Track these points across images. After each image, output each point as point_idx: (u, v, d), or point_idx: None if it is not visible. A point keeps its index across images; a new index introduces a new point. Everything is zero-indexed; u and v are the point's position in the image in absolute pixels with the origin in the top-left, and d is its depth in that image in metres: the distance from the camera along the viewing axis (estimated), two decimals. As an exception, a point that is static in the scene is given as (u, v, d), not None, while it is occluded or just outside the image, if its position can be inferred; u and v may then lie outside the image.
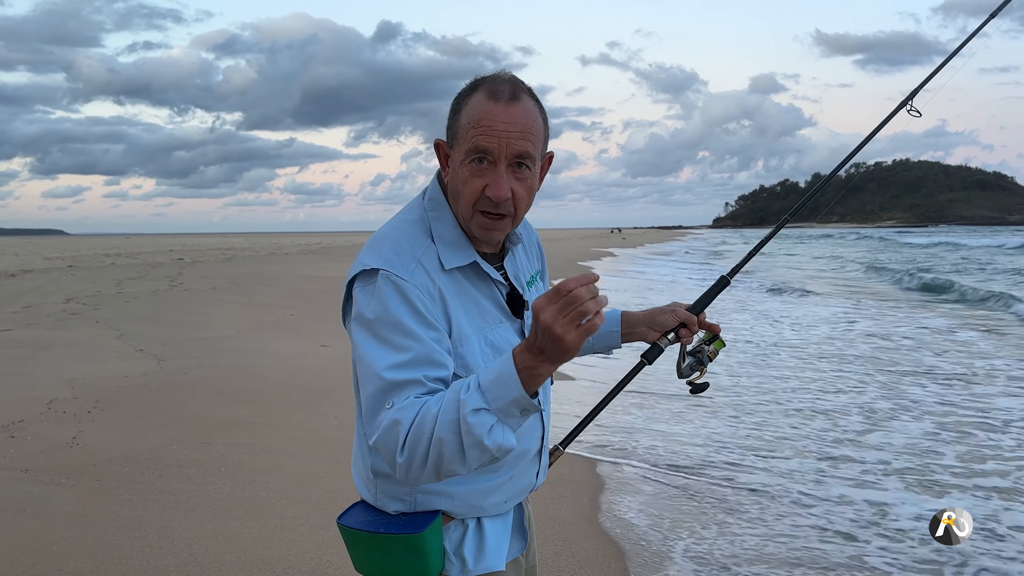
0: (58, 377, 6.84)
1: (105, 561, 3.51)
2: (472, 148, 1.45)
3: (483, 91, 1.48)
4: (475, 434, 1.28)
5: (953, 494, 4.72)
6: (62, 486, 4.35)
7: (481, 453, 1.31)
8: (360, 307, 1.44)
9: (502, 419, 1.30)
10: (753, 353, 9.76)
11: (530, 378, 1.29)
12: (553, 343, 1.25)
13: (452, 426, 1.29)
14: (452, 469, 1.33)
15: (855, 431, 6.14)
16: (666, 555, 3.87)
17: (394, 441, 1.33)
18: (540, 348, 1.27)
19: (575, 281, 1.24)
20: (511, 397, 1.29)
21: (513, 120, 1.45)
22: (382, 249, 1.47)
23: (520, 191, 1.49)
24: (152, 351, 8.43)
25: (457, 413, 1.29)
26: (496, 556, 1.55)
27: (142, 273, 20.66)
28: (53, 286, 16.47)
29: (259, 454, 5.14)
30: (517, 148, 1.45)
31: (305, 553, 3.69)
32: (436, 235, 1.51)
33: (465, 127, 1.47)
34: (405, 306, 1.40)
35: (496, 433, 1.30)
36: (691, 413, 6.57)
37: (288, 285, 17.75)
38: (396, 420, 1.34)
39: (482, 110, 1.46)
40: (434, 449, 1.31)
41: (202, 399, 6.44)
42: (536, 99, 1.53)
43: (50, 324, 10.35)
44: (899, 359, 9.40)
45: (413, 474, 1.34)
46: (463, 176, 1.48)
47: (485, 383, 1.31)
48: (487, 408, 1.29)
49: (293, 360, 8.54)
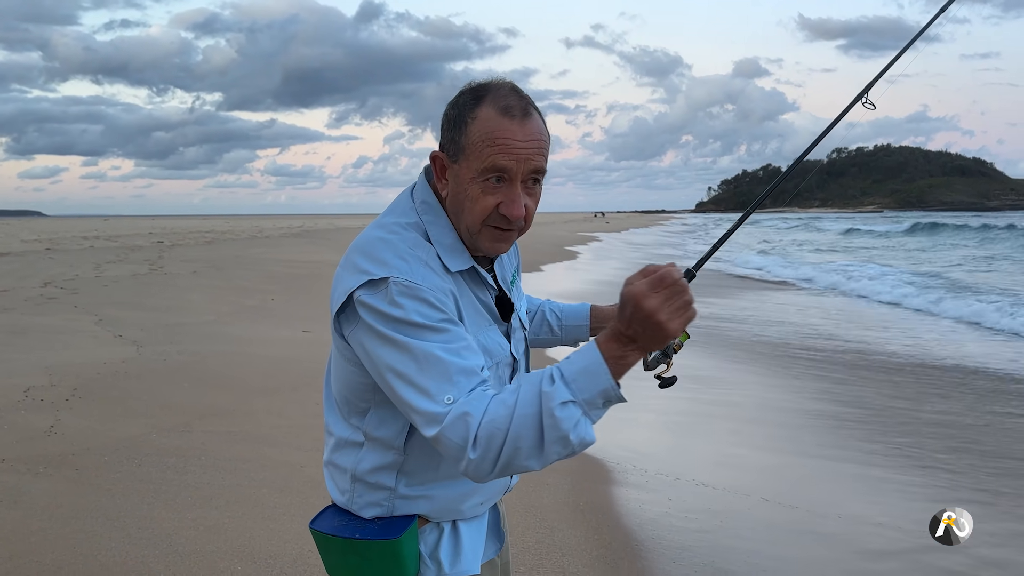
0: (35, 364, 6.75)
1: (84, 552, 3.48)
2: (489, 167, 1.41)
3: (492, 106, 1.43)
4: (561, 428, 1.24)
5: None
6: (39, 476, 4.31)
7: (563, 448, 1.26)
8: (383, 312, 1.36)
9: (586, 412, 1.26)
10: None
11: (618, 367, 1.26)
12: (653, 330, 1.23)
13: (533, 420, 1.25)
14: (526, 465, 1.28)
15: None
16: (648, 542, 3.90)
17: (463, 436, 1.27)
18: (632, 336, 1.25)
19: (677, 270, 1.24)
20: (600, 388, 1.26)
21: (530, 137, 1.43)
22: (382, 255, 1.40)
23: (531, 206, 1.48)
24: (131, 337, 8.35)
25: (539, 407, 1.25)
26: (472, 559, 1.55)
27: (121, 256, 20.42)
28: (30, 269, 16.24)
29: (240, 442, 5.11)
30: (534, 165, 1.44)
31: (287, 543, 3.68)
32: (434, 239, 1.47)
33: (478, 144, 1.42)
34: (428, 307, 1.36)
35: (581, 427, 1.26)
36: (662, 403, 6.61)
37: (269, 269, 17.62)
38: (465, 412, 1.27)
39: (497, 127, 1.41)
40: (510, 444, 1.25)
41: (181, 386, 6.39)
42: (539, 110, 1.51)
43: (27, 309, 10.21)
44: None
45: (484, 469, 1.28)
46: (474, 194, 1.43)
47: (570, 374, 1.26)
48: (574, 400, 1.25)
49: (274, 346, 8.49)
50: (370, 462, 1.52)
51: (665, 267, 1.24)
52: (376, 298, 1.36)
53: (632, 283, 1.25)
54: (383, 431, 1.50)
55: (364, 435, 1.53)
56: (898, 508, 4.37)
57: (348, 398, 1.54)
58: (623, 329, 1.25)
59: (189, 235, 35.67)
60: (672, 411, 6.35)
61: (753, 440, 5.79)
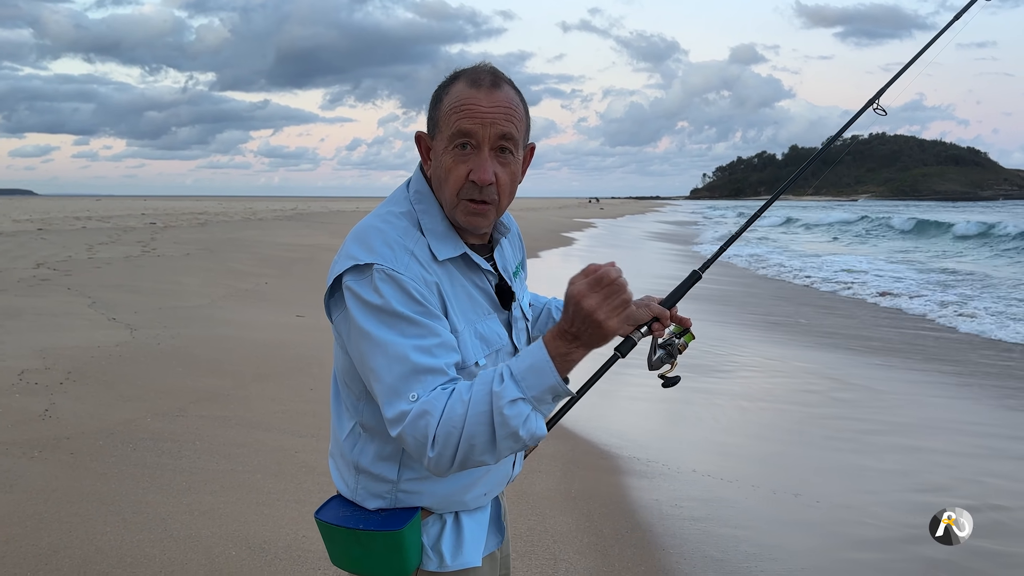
0: (29, 346, 6.75)
1: (79, 536, 3.51)
2: (455, 132, 1.45)
3: (464, 80, 1.49)
4: (511, 425, 1.30)
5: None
6: (35, 460, 4.33)
7: (515, 443, 1.33)
8: (364, 299, 1.41)
9: (536, 407, 1.33)
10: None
11: (564, 364, 1.33)
12: (593, 329, 1.30)
13: (484, 419, 1.31)
14: (481, 460, 1.35)
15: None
16: (639, 529, 3.94)
17: (423, 435, 1.33)
18: (575, 334, 1.31)
19: (615, 269, 1.30)
20: (547, 385, 1.32)
21: (496, 103, 1.46)
22: (372, 242, 1.45)
23: (504, 177, 1.49)
24: (125, 320, 8.34)
25: (490, 405, 1.31)
26: (473, 551, 1.58)
27: (114, 238, 20.33)
28: (22, 250, 16.16)
29: (234, 427, 5.13)
30: (500, 129, 1.46)
31: (281, 528, 3.71)
32: (425, 228, 1.50)
33: (447, 113, 1.47)
34: (407, 298, 1.40)
35: (531, 422, 1.32)
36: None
37: (262, 252, 17.57)
38: (424, 411, 1.33)
39: (464, 95, 1.46)
40: (465, 442, 1.31)
41: (175, 370, 6.39)
42: (517, 89, 1.54)
43: (20, 291, 10.18)
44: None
45: (443, 466, 1.35)
46: (447, 164, 1.48)
47: (518, 372, 1.32)
48: (523, 398, 1.31)
49: (268, 330, 8.49)
50: (371, 452, 1.55)
51: (604, 267, 1.30)
52: (360, 284, 1.41)
53: (574, 283, 1.31)
54: (378, 419, 1.52)
55: (362, 425, 1.56)
56: (891, 497, 4.43)
57: (347, 382, 1.57)
58: (567, 327, 1.32)
59: (182, 216, 35.50)
60: (665, 398, 6.39)
61: (746, 428, 5.84)
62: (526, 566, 3.50)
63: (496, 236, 1.65)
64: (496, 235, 1.65)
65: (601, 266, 1.30)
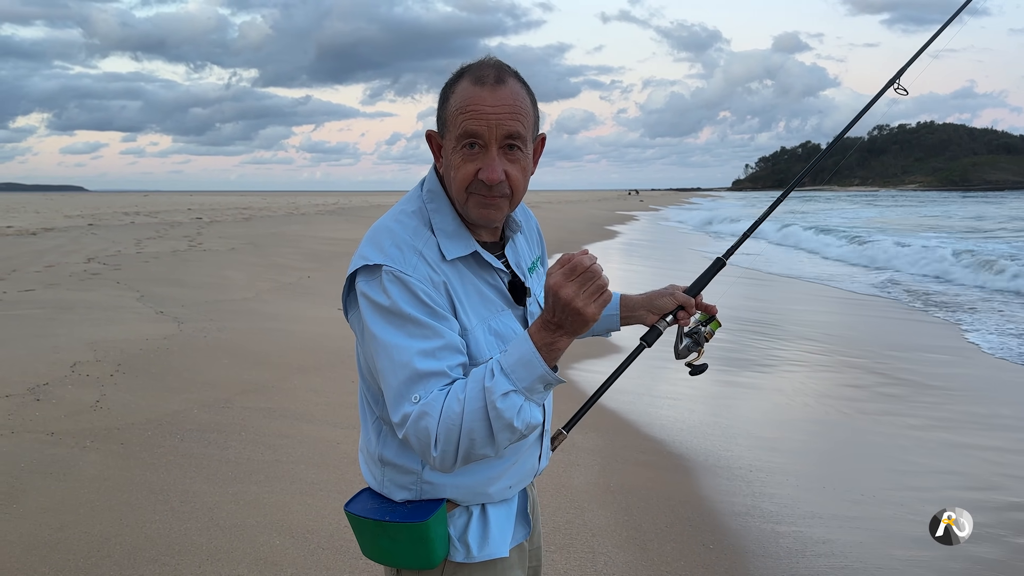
0: (81, 339, 6.94)
1: (130, 524, 3.61)
2: (462, 133, 1.47)
3: (468, 77, 1.49)
4: (505, 417, 1.35)
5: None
6: (87, 449, 4.45)
7: (511, 434, 1.38)
8: (372, 300, 1.45)
9: (528, 397, 1.37)
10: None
11: (550, 353, 1.36)
12: (573, 317, 1.33)
13: (480, 414, 1.35)
14: (483, 453, 1.39)
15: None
16: (679, 524, 3.92)
17: (426, 435, 1.37)
18: (558, 323, 1.35)
19: (588, 257, 1.33)
20: (536, 375, 1.36)
21: (500, 102, 1.46)
22: (383, 243, 1.48)
23: (514, 173, 1.50)
24: (172, 313, 8.53)
25: (483, 401, 1.35)
26: (500, 542, 1.59)
27: (161, 232, 20.80)
28: (74, 245, 16.64)
29: (278, 419, 5.22)
30: (507, 129, 1.46)
31: (324, 518, 3.77)
32: (436, 227, 1.52)
33: (453, 114, 1.49)
34: (414, 299, 1.43)
35: (525, 412, 1.37)
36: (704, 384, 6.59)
37: (305, 246, 17.82)
38: (424, 413, 1.38)
39: (469, 95, 1.47)
40: (465, 438, 1.36)
41: (221, 362, 6.53)
42: (523, 81, 1.54)
43: (72, 284, 10.48)
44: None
45: (448, 463, 1.39)
46: (455, 163, 1.49)
47: (508, 366, 1.36)
48: (515, 390, 1.35)
49: (311, 324, 8.62)
50: (394, 444, 1.57)
51: (577, 255, 1.33)
52: (370, 285, 1.45)
53: (551, 274, 1.34)
54: None
55: (382, 418, 1.59)
56: (942, 494, 4.33)
57: (366, 377, 1.62)
58: (549, 318, 1.35)
59: (226, 211, 36.16)
60: (705, 393, 6.34)
61: (789, 422, 5.76)
62: (564, 559, 3.50)
63: (508, 233, 1.66)
64: (508, 232, 1.66)
65: (574, 255, 1.33)
